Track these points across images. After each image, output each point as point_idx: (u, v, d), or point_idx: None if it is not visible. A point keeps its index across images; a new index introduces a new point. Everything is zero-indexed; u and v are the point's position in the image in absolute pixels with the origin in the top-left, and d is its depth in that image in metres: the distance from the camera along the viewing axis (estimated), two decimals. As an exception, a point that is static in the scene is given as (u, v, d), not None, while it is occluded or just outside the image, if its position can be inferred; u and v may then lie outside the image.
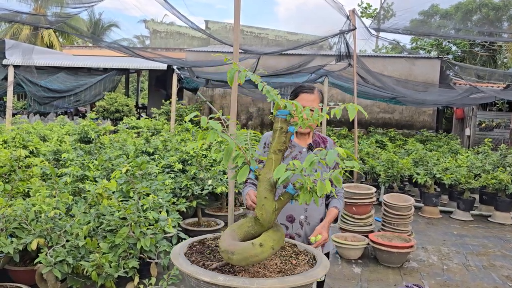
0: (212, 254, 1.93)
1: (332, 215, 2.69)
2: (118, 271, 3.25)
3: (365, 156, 10.27)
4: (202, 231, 5.78)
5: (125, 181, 4.01)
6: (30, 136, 7.08)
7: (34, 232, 3.47)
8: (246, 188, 2.69)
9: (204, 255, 1.93)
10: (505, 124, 16.64)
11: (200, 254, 1.94)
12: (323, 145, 2.81)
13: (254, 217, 1.84)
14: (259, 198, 1.79)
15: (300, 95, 2.68)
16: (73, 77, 13.23)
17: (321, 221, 2.75)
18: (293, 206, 2.68)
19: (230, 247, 1.69)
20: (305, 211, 2.70)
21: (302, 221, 2.70)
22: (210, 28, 25.24)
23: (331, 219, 2.67)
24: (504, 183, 7.76)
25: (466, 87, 12.96)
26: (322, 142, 2.82)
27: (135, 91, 25.56)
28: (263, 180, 1.79)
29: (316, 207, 2.73)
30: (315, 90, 2.70)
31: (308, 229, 2.70)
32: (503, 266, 5.46)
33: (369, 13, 27.88)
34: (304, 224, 2.70)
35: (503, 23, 23.88)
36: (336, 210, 2.72)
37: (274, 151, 1.81)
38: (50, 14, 13.08)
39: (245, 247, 1.70)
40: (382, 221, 6.10)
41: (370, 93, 13.30)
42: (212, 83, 13.09)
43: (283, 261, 1.92)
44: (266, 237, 1.78)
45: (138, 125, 10.97)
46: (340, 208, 2.75)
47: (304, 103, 2.61)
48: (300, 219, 2.70)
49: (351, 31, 8.98)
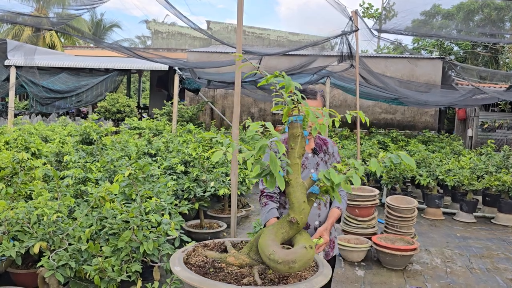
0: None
1: (335, 216, 2.67)
2: (121, 275, 3.23)
3: (368, 158, 10.25)
4: (204, 233, 5.77)
5: (127, 184, 3.99)
6: (32, 137, 7.07)
7: (36, 235, 3.45)
8: (267, 209, 2.60)
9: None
10: (508, 125, 16.59)
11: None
12: (325, 147, 2.79)
13: (288, 222, 1.86)
14: (297, 203, 1.83)
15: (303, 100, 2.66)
16: (74, 77, 13.24)
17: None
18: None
19: (288, 257, 1.68)
20: (318, 216, 2.69)
21: (317, 227, 2.68)
22: (211, 29, 25.24)
23: (333, 221, 2.65)
24: (508, 185, 7.73)
25: (468, 88, 12.93)
26: (323, 144, 2.81)
27: (137, 91, 25.57)
28: (296, 185, 1.85)
29: (326, 210, 2.72)
30: (317, 95, 2.70)
31: None
32: (507, 269, 5.43)
33: (371, 13, 27.85)
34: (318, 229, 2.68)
35: (505, 23, 23.83)
36: (339, 211, 2.70)
37: (299, 156, 1.89)
38: (52, 15, 13.09)
39: (303, 253, 1.72)
40: (385, 223, 6.07)
41: (372, 94, 13.27)
42: (214, 84, 13.08)
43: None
44: (306, 238, 1.85)
45: (140, 126, 10.96)
46: (342, 208, 2.73)
47: None
48: (314, 225, 2.69)
49: (354, 32, 8.95)
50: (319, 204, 2.69)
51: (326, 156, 2.77)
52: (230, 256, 1.86)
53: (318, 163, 2.71)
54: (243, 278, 1.76)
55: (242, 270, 1.84)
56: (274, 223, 1.90)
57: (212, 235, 5.70)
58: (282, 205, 2.71)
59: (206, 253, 1.96)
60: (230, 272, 1.82)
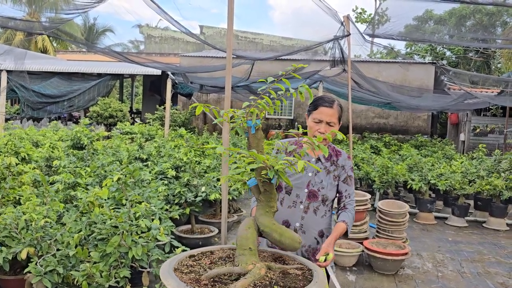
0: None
1: (340, 230, 2.59)
2: (109, 280, 3.20)
3: (360, 162, 10.26)
4: (195, 238, 5.73)
5: (117, 188, 3.96)
6: (22, 142, 7.01)
7: (24, 241, 3.41)
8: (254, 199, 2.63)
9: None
10: (499, 129, 16.69)
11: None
12: (335, 158, 2.74)
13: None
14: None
15: (320, 108, 2.63)
16: (66, 82, 13.19)
17: (320, 232, 2.69)
18: (291, 213, 2.65)
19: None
20: (301, 218, 2.64)
21: (297, 228, 2.63)
22: (205, 33, 25.26)
23: (337, 235, 2.57)
24: (499, 189, 7.76)
25: (460, 92, 13.00)
26: (335, 155, 2.75)
27: (130, 96, 25.50)
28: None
29: (315, 218, 2.67)
30: (334, 104, 2.65)
31: (303, 238, 2.60)
32: (498, 273, 5.44)
33: (364, 18, 28.01)
34: (299, 231, 2.63)
35: (497, 28, 24.04)
36: (344, 225, 2.62)
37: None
38: (44, 20, 13.03)
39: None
40: (377, 227, 6.07)
41: (365, 99, 13.32)
42: (207, 89, 13.07)
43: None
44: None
45: (132, 131, 10.92)
46: (349, 222, 2.65)
47: (324, 116, 2.60)
48: (295, 226, 2.64)
49: (345, 37, 8.98)
50: (307, 208, 2.64)
51: (332, 166, 2.71)
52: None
53: (317, 170, 2.68)
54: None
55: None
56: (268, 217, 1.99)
57: (203, 240, 5.67)
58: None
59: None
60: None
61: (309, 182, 2.65)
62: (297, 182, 2.64)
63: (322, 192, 2.66)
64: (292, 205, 2.66)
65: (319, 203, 2.67)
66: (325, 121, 2.61)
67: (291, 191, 2.66)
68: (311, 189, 2.65)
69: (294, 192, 2.65)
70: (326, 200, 2.68)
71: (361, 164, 9.84)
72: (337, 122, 2.66)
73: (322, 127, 2.61)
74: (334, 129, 2.62)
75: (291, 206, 2.66)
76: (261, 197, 1.99)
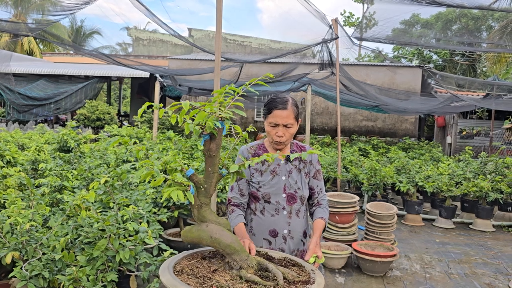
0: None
1: (320, 228, 2.56)
2: (96, 284, 3.16)
3: (348, 164, 10.30)
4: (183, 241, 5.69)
5: (104, 191, 3.92)
6: (7, 145, 6.92)
7: (8, 245, 3.36)
8: (235, 215, 2.60)
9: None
10: (485, 132, 16.89)
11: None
12: None
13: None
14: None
15: (274, 111, 2.54)
16: (53, 84, 13.06)
17: (303, 233, 2.69)
18: (276, 220, 2.61)
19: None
20: (288, 225, 2.61)
21: (286, 236, 2.61)
22: (193, 36, 25.21)
23: (320, 233, 2.53)
24: (485, 191, 7.84)
25: (447, 95, 13.14)
26: (299, 152, 2.69)
27: (118, 99, 25.34)
28: None
29: (299, 221, 2.65)
30: (288, 104, 2.55)
31: (292, 243, 2.62)
32: (484, 274, 5.49)
33: (352, 22, 28.18)
34: (288, 238, 2.61)
35: (482, 32, 24.35)
36: (323, 222, 2.59)
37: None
38: (31, 21, 12.91)
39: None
40: (365, 229, 6.09)
41: (353, 101, 13.39)
42: (195, 91, 13.04)
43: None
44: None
45: (119, 134, 10.83)
46: (326, 218, 2.63)
47: (279, 120, 2.52)
48: (283, 233, 2.61)
49: (334, 40, 9.03)
50: (290, 213, 2.62)
51: (301, 164, 2.68)
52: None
53: (291, 170, 2.64)
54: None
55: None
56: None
57: (192, 244, 5.63)
58: (253, 211, 2.67)
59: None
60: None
61: (285, 186, 2.61)
62: (273, 189, 2.60)
63: (299, 193, 2.63)
64: (275, 213, 2.61)
65: (299, 205, 2.65)
66: (281, 124, 2.53)
67: (269, 199, 2.61)
68: (288, 192, 2.62)
69: (273, 199, 2.60)
70: (304, 200, 2.67)
71: (350, 167, 9.88)
72: (294, 122, 2.57)
73: (280, 130, 2.54)
74: (292, 130, 2.57)
75: (274, 214, 2.62)
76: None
